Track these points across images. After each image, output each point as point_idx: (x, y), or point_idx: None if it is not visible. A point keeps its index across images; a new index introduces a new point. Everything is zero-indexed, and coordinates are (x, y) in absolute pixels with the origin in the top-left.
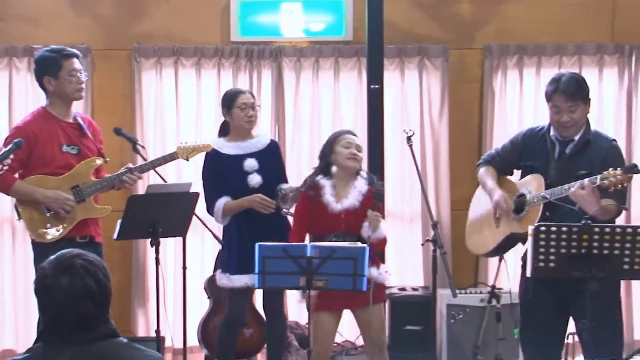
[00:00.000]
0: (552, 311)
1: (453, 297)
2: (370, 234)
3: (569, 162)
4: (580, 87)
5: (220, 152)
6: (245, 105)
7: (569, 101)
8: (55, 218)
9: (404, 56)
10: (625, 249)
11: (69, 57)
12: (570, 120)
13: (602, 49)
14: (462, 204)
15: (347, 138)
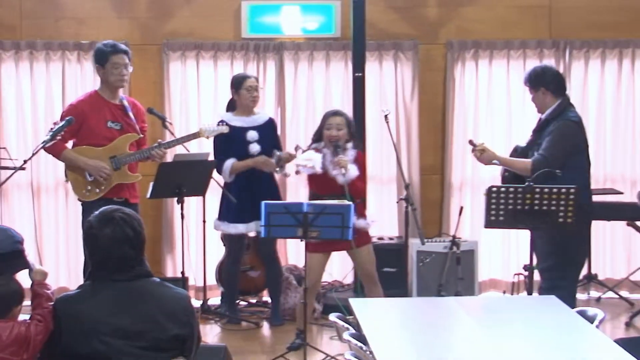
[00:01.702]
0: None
1: (422, 244)
2: (344, 179)
3: (535, 134)
4: (530, 78)
5: (228, 123)
6: (251, 87)
7: (527, 87)
8: (94, 182)
9: (382, 50)
10: (560, 205)
11: (116, 52)
12: (535, 103)
13: (541, 44)
14: (429, 169)
15: (329, 120)
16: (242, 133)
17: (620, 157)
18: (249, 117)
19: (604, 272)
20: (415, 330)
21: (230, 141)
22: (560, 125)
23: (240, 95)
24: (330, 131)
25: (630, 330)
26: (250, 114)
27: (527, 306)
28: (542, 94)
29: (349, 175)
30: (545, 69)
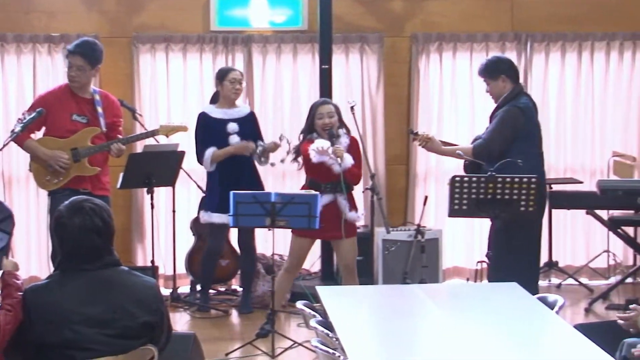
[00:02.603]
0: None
1: (387, 233)
2: (339, 168)
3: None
4: (485, 69)
5: (210, 115)
6: (234, 80)
7: (480, 77)
8: (53, 172)
9: (349, 43)
10: (521, 194)
11: (69, 53)
12: (490, 92)
13: (504, 37)
14: (395, 160)
15: (319, 109)
16: (222, 125)
17: (580, 147)
18: (230, 110)
19: (564, 260)
20: (380, 317)
21: (211, 132)
22: (503, 111)
23: (223, 87)
24: (323, 120)
25: (590, 316)
26: (232, 106)
27: (490, 293)
28: (502, 82)
29: (344, 164)
30: (500, 57)
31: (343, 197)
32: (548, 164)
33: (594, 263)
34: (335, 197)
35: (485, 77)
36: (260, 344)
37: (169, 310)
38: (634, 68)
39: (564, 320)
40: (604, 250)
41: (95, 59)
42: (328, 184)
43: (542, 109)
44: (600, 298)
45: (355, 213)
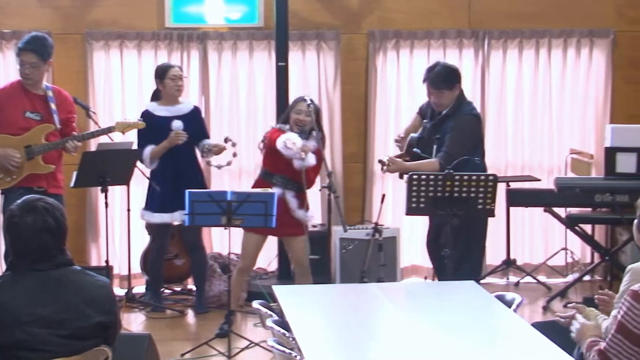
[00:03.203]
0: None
1: (344, 232)
2: (301, 164)
3: (433, 128)
4: (445, 79)
5: (152, 113)
6: (175, 76)
7: (435, 88)
8: (6, 170)
9: (305, 39)
10: (479, 192)
11: (20, 50)
12: (437, 102)
13: (461, 34)
14: (352, 158)
15: (299, 105)
16: (166, 122)
17: (537, 145)
18: (173, 107)
19: (522, 258)
20: (337, 316)
21: (155, 131)
22: (462, 120)
23: (164, 84)
24: (300, 115)
25: (548, 314)
26: (175, 103)
27: (447, 291)
28: (455, 91)
29: (305, 162)
30: (450, 65)
31: (292, 194)
32: (506, 161)
33: (552, 261)
34: (284, 192)
35: (443, 88)
36: (217, 344)
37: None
38: (591, 65)
39: (522, 319)
40: (561, 248)
41: (47, 54)
42: (280, 178)
43: (499, 107)
44: (558, 296)
45: (305, 212)
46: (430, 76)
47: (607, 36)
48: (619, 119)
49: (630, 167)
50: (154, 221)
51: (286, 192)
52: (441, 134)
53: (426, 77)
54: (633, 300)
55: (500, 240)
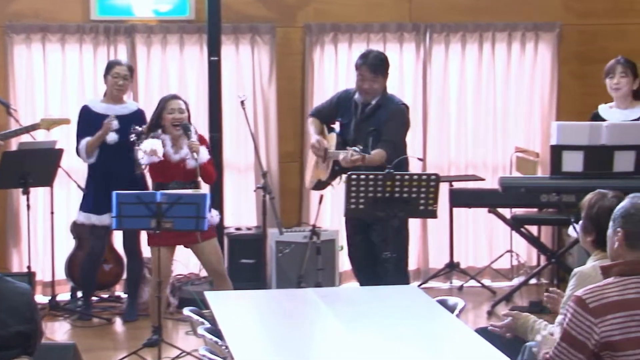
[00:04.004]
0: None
1: (280, 234)
2: (195, 163)
3: (364, 121)
4: (383, 65)
5: (91, 109)
6: (118, 75)
7: (372, 73)
8: None
9: (239, 33)
10: (420, 192)
11: None
12: (370, 88)
13: (402, 28)
14: (288, 157)
15: (170, 104)
16: (103, 120)
17: (481, 143)
18: (115, 105)
19: (466, 261)
20: (272, 323)
21: (91, 127)
22: (398, 110)
23: (107, 81)
24: (174, 115)
25: (493, 319)
26: (118, 102)
27: (387, 296)
28: (387, 79)
29: (200, 159)
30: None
31: None
32: (449, 160)
33: (497, 264)
34: None
35: (380, 73)
36: (146, 354)
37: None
38: (536, 60)
39: (465, 324)
40: (507, 251)
41: None
42: (175, 184)
43: (441, 103)
44: (503, 300)
45: (213, 212)
46: (368, 61)
47: (552, 30)
48: (565, 116)
49: (576, 166)
50: (91, 223)
51: None
52: (374, 125)
53: (363, 62)
54: (577, 306)
55: (443, 242)
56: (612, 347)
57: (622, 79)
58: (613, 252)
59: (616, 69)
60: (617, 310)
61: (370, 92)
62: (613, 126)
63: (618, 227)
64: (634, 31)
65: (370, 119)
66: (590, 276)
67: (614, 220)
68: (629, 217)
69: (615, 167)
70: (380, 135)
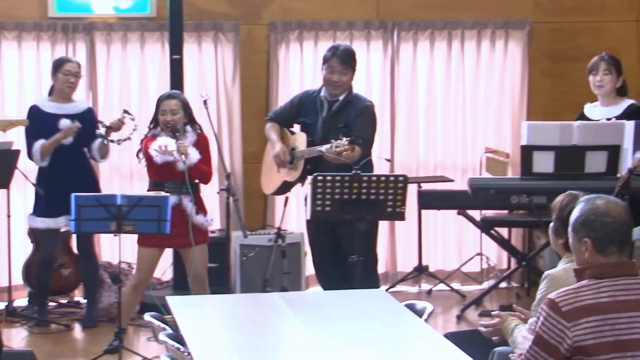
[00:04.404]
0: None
1: (244, 237)
2: (184, 166)
3: (333, 117)
4: (353, 58)
5: (40, 108)
6: (69, 72)
7: (343, 65)
8: None
9: (201, 31)
10: (388, 194)
11: None
12: (340, 81)
13: (369, 25)
14: (252, 158)
15: (162, 104)
16: (54, 120)
17: (451, 143)
18: (65, 104)
19: (435, 264)
20: (236, 328)
21: (41, 127)
22: (368, 107)
23: (57, 79)
24: (165, 116)
25: (462, 324)
26: (67, 100)
27: (354, 301)
28: (354, 75)
29: (189, 161)
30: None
31: (189, 199)
32: (417, 161)
33: (467, 267)
34: (181, 198)
35: (349, 67)
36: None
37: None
38: (506, 58)
39: (434, 329)
40: (476, 254)
41: None
42: (171, 183)
43: (410, 102)
44: (473, 304)
45: (204, 217)
46: (338, 52)
47: (523, 27)
48: (536, 116)
49: (547, 167)
50: (37, 226)
51: (182, 198)
52: (344, 122)
53: (333, 53)
54: (550, 309)
55: (412, 245)
56: (584, 351)
57: (605, 76)
58: (583, 261)
59: (599, 66)
60: (591, 314)
61: (340, 84)
62: (584, 126)
63: (584, 236)
64: (606, 29)
65: (338, 115)
66: (561, 279)
67: (575, 230)
68: (591, 225)
69: (587, 167)
70: (350, 132)
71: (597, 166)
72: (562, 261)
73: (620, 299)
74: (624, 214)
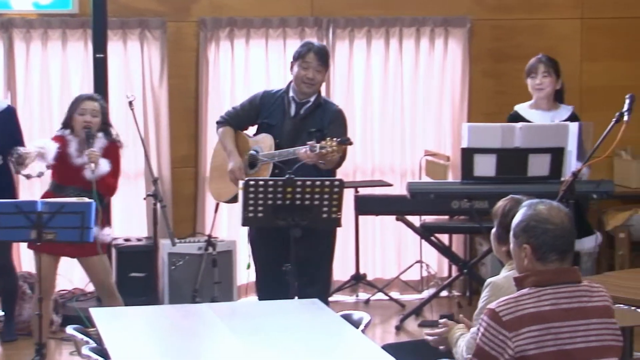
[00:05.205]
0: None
1: (173, 246)
2: (92, 175)
3: (303, 120)
4: (328, 56)
5: None
6: None
7: (319, 61)
8: None
9: (127, 28)
10: (323, 199)
11: None
12: (315, 78)
13: (303, 22)
14: (181, 161)
15: (83, 104)
16: None
17: (389, 146)
18: None
19: (373, 272)
20: (164, 341)
21: None
22: (340, 112)
23: None
24: (85, 117)
25: (401, 335)
26: None
27: (288, 311)
28: (325, 76)
29: (98, 171)
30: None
31: None
32: (354, 164)
33: (406, 275)
34: None
35: (325, 64)
36: None
37: None
38: (446, 57)
39: (372, 340)
40: (416, 261)
41: None
42: (72, 189)
43: (346, 103)
44: (412, 314)
45: (100, 229)
46: (314, 48)
47: (463, 25)
48: (477, 117)
49: (489, 170)
50: None
51: None
52: (315, 126)
53: (308, 49)
54: (490, 319)
55: (349, 253)
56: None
57: (544, 78)
58: (522, 268)
59: (538, 68)
60: (532, 323)
61: (314, 83)
62: (527, 128)
63: (524, 242)
64: (550, 26)
65: (309, 119)
66: (504, 287)
67: (516, 235)
68: (532, 231)
69: (530, 171)
70: (324, 137)
71: (540, 169)
72: (505, 269)
73: (562, 307)
74: (567, 221)
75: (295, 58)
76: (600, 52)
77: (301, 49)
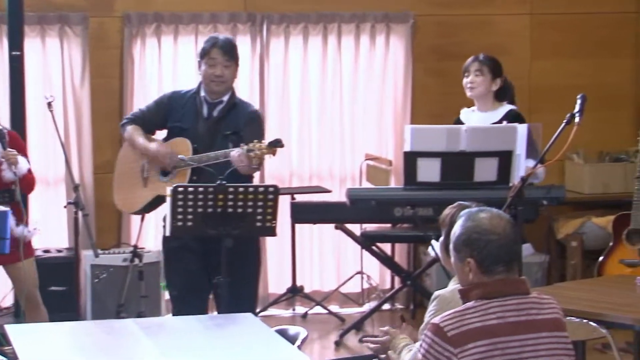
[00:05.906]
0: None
1: (95, 257)
2: (14, 177)
3: (217, 122)
4: (235, 49)
5: None
6: None
7: (225, 56)
8: None
9: (45, 24)
10: (257, 207)
11: None
12: (223, 75)
13: (235, 18)
14: (104, 167)
15: None
16: None
17: (327, 149)
18: None
19: (310, 284)
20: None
21: None
22: (257, 114)
23: None
24: None
25: (341, 350)
26: None
27: (219, 326)
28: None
29: (20, 171)
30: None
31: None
32: (290, 169)
33: (346, 287)
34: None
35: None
36: None
37: None
38: (387, 55)
39: (309, 356)
40: (356, 272)
41: None
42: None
43: (281, 104)
44: (353, 328)
45: (25, 227)
46: (219, 43)
47: (405, 21)
48: (421, 119)
49: (433, 175)
50: None
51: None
52: (230, 129)
53: (213, 44)
54: (435, 335)
55: (284, 264)
56: None
57: (476, 77)
58: (467, 282)
59: (471, 67)
60: (479, 337)
61: (223, 80)
62: (473, 130)
63: (467, 257)
64: (498, 22)
65: (224, 120)
66: (452, 300)
67: (457, 249)
68: (475, 244)
69: (476, 176)
70: (240, 139)
71: (487, 174)
72: (453, 280)
73: (510, 320)
74: (509, 229)
75: (201, 55)
76: (551, 50)
77: (205, 45)
